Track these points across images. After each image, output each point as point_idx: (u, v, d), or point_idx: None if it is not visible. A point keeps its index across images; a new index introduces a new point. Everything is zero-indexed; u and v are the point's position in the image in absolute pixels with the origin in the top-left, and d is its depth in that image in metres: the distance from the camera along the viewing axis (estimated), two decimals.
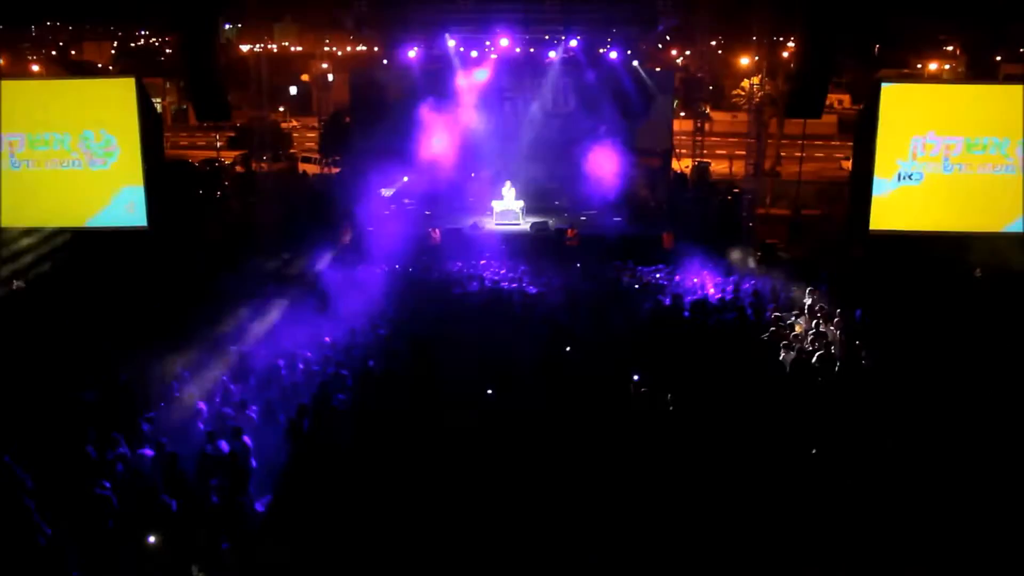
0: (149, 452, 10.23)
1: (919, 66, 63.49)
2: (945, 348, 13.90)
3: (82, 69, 62.31)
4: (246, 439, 10.68)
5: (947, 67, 64.43)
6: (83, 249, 19.79)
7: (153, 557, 8.44)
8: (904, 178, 19.88)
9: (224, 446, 10.44)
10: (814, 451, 10.72)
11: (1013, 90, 19.72)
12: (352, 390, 12.54)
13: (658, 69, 34.08)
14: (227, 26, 66.07)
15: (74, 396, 11.86)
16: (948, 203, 19.88)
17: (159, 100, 52.76)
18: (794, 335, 15.25)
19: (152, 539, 8.46)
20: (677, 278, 19.96)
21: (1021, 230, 19.37)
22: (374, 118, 29.93)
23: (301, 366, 13.42)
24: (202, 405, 11.69)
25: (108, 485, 9.28)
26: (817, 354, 13.79)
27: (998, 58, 62.12)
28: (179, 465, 9.83)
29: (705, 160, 34.20)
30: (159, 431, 11.01)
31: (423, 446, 10.42)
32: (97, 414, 11.31)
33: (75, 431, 10.50)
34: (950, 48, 69.60)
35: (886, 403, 11.94)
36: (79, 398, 11.86)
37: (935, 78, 56.58)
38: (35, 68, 59.54)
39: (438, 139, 28.08)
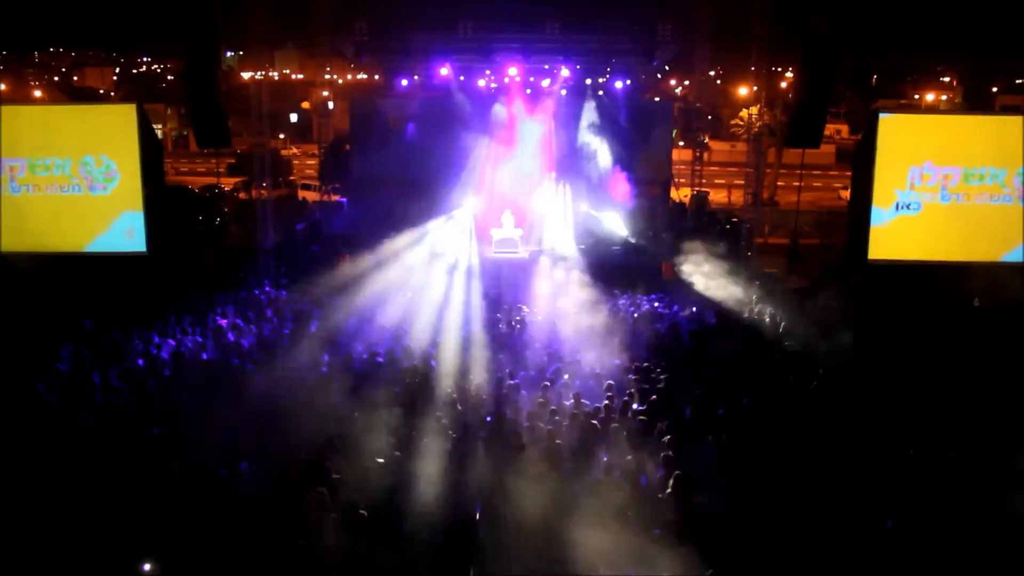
0: None
1: (916, 97, 63.90)
2: (942, 376, 13.87)
3: (84, 95, 62.69)
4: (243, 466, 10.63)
5: (944, 98, 64.87)
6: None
7: None
8: (902, 208, 19.97)
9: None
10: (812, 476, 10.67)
11: (1010, 121, 19.89)
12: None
13: (657, 99, 34.24)
14: (229, 53, 66.73)
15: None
16: (946, 232, 19.96)
17: (160, 126, 53.01)
18: None
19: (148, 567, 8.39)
20: (675, 308, 19.92)
21: (1019, 259, 19.44)
22: (374, 146, 30.03)
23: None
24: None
25: None
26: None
27: (994, 89, 62.58)
28: None
29: (704, 190, 34.30)
30: None
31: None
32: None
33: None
34: (947, 79, 70.15)
35: (885, 431, 11.90)
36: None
37: (932, 109, 56.90)
38: (37, 94, 59.83)
39: (437, 166, 28.19)
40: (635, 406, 12.76)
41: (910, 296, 19.01)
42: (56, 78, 79.01)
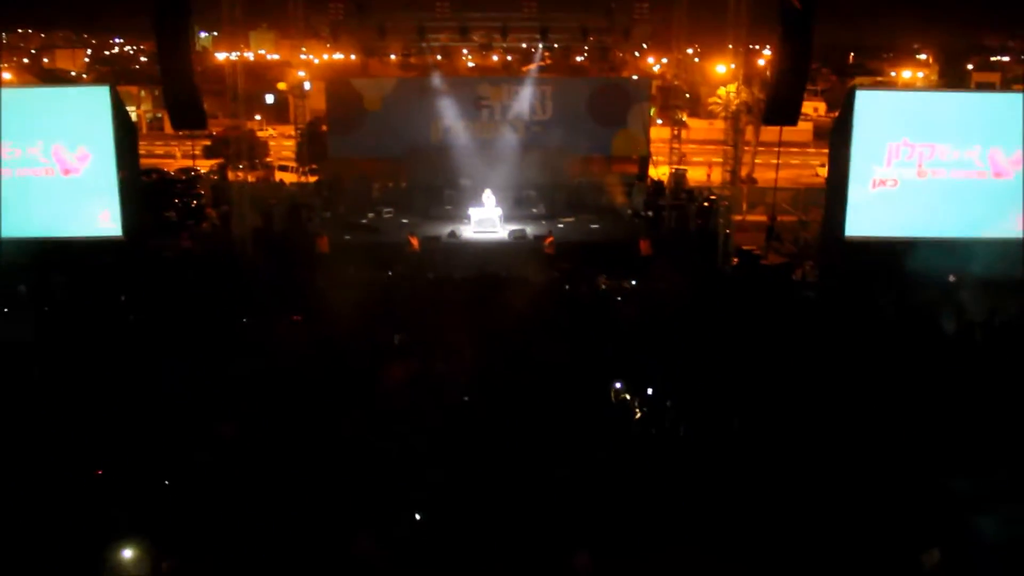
0: None
1: (893, 74, 64.15)
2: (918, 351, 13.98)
3: (55, 77, 61.80)
4: None
5: (920, 75, 65.16)
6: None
7: None
8: (879, 184, 20.06)
9: None
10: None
11: (985, 98, 20.01)
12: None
13: (635, 77, 34.19)
14: (203, 34, 66.03)
15: None
16: (922, 208, 20.07)
17: (134, 108, 52.36)
18: None
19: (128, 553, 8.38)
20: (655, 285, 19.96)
21: (993, 235, 19.59)
22: (351, 126, 29.85)
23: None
24: None
25: None
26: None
27: (970, 66, 62.94)
28: None
29: (682, 167, 34.32)
30: None
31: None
32: None
33: None
34: (923, 56, 70.43)
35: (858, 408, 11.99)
36: None
37: (909, 86, 57.16)
38: (7, 76, 58.85)
39: (415, 147, 28.12)
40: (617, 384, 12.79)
41: (886, 272, 19.08)
42: (26, 60, 77.82)
